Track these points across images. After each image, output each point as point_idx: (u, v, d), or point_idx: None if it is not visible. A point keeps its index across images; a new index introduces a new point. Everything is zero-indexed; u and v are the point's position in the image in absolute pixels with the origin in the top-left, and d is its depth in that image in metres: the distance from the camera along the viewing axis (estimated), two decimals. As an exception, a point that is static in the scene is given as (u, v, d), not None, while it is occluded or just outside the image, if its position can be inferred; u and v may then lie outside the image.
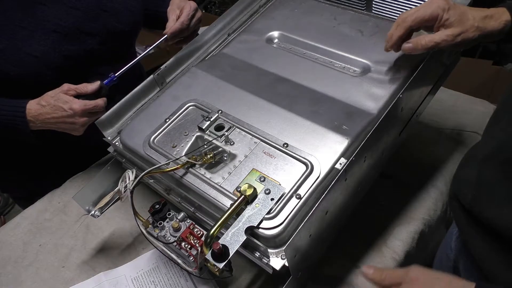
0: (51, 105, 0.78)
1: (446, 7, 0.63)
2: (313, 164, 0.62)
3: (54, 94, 0.79)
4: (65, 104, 0.77)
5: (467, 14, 0.63)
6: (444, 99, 1.07)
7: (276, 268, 0.57)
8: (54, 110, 0.78)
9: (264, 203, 0.58)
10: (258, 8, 0.95)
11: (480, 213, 0.60)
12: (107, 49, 0.91)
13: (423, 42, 0.64)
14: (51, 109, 0.78)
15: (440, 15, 0.63)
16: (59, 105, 0.78)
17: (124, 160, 0.76)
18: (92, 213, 0.74)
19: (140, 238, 0.81)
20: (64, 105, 0.77)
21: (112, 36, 0.91)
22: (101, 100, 0.80)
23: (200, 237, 0.61)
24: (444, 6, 0.63)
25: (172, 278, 0.74)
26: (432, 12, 0.63)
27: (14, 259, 0.81)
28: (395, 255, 0.75)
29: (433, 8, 0.63)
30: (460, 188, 0.65)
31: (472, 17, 0.63)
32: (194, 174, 0.65)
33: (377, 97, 0.70)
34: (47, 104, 0.78)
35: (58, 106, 0.78)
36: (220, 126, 0.70)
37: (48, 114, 0.79)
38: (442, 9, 0.63)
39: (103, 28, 0.89)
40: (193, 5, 0.93)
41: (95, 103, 0.79)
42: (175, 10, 0.92)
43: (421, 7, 0.65)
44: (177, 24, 0.89)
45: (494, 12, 0.64)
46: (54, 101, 0.78)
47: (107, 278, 0.75)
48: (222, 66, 0.82)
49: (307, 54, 0.82)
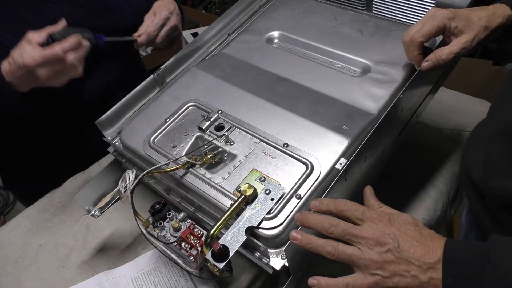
0: (14, 59, 0.69)
1: (450, 16, 0.63)
2: (313, 164, 0.62)
3: (18, 46, 0.70)
4: (20, 58, 0.67)
5: (472, 17, 0.63)
6: (444, 99, 1.07)
7: (276, 268, 0.57)
8: (15, 68, 0.69)
9: (264, 203, 0.58)
10: (258, 8, 0.95)
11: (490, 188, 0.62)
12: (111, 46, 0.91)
13: (444, 57, 0.64)
14: (15, 66, 0.69)
15: (447, 25, 0.63)
16: (17, 62, 0.68)
17: (124, 160, 0.76)
18: (92, 213, 0.74)
19: (140, 238, 0.81)
20: (19, 59, 0.67)
21: (116, 34, 0.91)
22: (65, 42, 0.69)
23: (200, 237, 0.61)
24: (449, 15, 0.63)
25: (172, 278, 0.74)
26: (438, 24, 0.63)
27: (14, 259, 0.81)
28: (395, 255, 0.75)
29: (438, 20, 0.63)
30: (470, 165, 0.67)
31: (477, 18, 0.63)
32: (194, 174, 0.65)
33: (377, 97, 0.70)
34: (12, 61, 0.70)
35: (17, 62, 0.68)
36: (220, 126, 0.70)
37: (14, 71, 0.70)
38: (447, 18, 0.63)
39: (107, 25, 0.89)
40: (165, 14, 0.89)
41: (51, 50, 0.68)
42: (150, 15, 0.90)
43: (426, 22, 0.64)
44: (143, 36, 0.87)
45: (496, 9, 0.64)
46: (16, 56, 0.69)
47: (107, 278, 0.75)
48: (222, 66, 0.82)
49: (307, 54, 0.82)
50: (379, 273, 0.47)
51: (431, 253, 0.47)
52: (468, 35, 0.63)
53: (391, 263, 0.47)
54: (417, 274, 0.46)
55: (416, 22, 0.84)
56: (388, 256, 0.47)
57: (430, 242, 0.48)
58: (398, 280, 0.47)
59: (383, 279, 0.47)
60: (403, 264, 0.47)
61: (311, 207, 0.54)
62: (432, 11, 0.65)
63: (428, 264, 0.46)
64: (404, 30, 0.68)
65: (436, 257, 0.46)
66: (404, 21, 0.85)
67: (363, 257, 0.48)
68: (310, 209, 0.54)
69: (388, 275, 0.47)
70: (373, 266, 0.47)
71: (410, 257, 0.47)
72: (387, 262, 0.47)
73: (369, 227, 0.49)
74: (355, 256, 0.49)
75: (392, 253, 0.47)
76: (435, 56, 0.64)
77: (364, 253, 0.48)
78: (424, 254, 0.47)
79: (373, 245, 0.48)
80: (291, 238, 0.52)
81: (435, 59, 0.64)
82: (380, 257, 0.47)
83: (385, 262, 0.47)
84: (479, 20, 0.63)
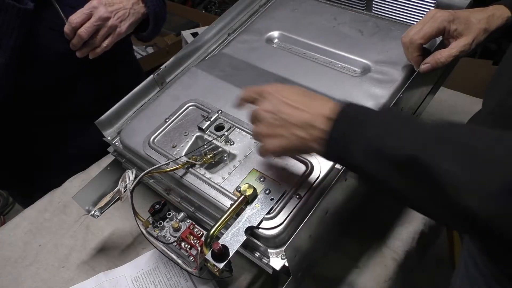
0: None
1: (450, 18, 0.63)
2: (313, 164, 0.62)
3: None
4: None
5: (471, 19, 0.63)
6: (444, 99, 1.07)
7: (276, 268, 0.57)
8: None
9: (264, 203, 0.58)
10: (258, 8, 0.95)
11: None
12: None
13: (443, 60, 0.64)
14: None
15: (447, 28, 0.63)
16: None
17: (124, 160, 0.76)
18: (92, 213, 0.74)
19: (140, 238, 0.81)
20: None
21: None
22: None
23: (200, 237, 0.61)
24: (449, 17, 0.63)
25: (172, 278, 0.74)
26: (438, 26, 0.63)
27: (14, 259, 0.81)
28: (395, 255, 0.75)
29: (439, 22, 0.63)
30: None
31: (476, 21, 0.63)
32: (194, 174, 0.65)
33: (377, 97, 0.70)
34: None
35: None
36: (220, 126, 0.70)
37: None
38: (448, 21, 0.63)
39: None
40: (94, 3, 0.80)
41: None
42: None
43: (426, 23, 0.64)
44: (67, 25, 0.80)
45: (495, 10, 0.64)
46: None
47: (107, 278, 0.75)
48: (222, 66, 0.82)
49: (307, 54, 0.82)
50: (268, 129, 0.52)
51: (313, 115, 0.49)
52: (467, 38, 0.63)
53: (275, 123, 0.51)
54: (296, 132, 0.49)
55: (416, 22, 0.84)
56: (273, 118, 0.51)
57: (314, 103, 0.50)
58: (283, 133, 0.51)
59: None
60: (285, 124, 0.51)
61: None
62: (432, 12, 0.65)
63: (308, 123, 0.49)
64: (404, 30, 0.68)
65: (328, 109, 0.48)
66: (404, 21, 0.85)
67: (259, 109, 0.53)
68: None
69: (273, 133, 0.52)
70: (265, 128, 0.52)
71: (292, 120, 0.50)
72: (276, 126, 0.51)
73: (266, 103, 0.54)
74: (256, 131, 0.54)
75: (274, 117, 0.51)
76: (434, 59, 0.65)
77: None
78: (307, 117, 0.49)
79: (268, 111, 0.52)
80: None
81: (434, 62, 0.65)
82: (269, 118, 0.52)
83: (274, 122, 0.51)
84: (479, 22, 0.63)
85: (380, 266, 0.73)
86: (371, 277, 0.72)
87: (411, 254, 0.77)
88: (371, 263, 0.74)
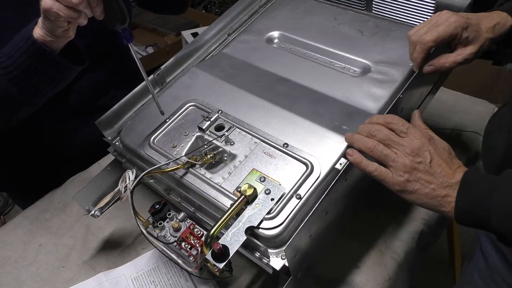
0: None
1: (465, 25, 0.62)
2: (313, 164, 0.62)
3: None
4: None
5: (481, 27, 0.63)
6: (444, 99, 1.07)
7: (276, 268, 0.57)
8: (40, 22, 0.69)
9: (264, 203, 0.58)
10: (258, 8, 0.95)
11: None
12: (97, 48, 0.90)
13: (447, 65, 0.64)
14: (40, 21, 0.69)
15: (459, 34, 0.63)
16: None
17: (124, 160, 0.76)
18: (92, 213, 0.74)
19: (140, 238, 0.81)
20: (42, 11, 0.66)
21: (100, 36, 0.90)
22: None
23: (200, 237, 0.61)
24: (463, 24, 0.62)
25: (172, 278, 0.74)
26: (452, 32, 0.62)
27: (14, 259, 0.81)
28: (395, 255, 0.75)
29: (453, 27, 0.62)
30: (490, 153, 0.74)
31: (485, 29, 0.63)
32: (194, 174, 0.65)
33: (377, 97, 0.70)
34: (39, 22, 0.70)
35: None
36: (220, 126, 0.70)
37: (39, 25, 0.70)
38: (462, 27, 0.62)
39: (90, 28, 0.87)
40: None
41: None
42: None
43: (438, 25, 0.63)
44: None
45: (500, 19, 0.64)
46: None
47: (107, 278, 0.75)
48: (222, 66, 0.82)
49: (307, 54, 0.82)
50: (405, 176, 0.54)
51: (453, 177, 0.54)
52: (474, 47, 0.63)
53: (418, 172, 0.54)
54: (436, 188, 0.53)
55: (415, 22, 0.84)
56: (418, 166, 0.54)
57: (456, 169, 0.55)
58: (418, 188, 0.54)
59: (406, 182, 0.54)
60: (428, 176, 0.54)
61: (365, 122, 0.62)
62: (446, 15, 0.63)
63: (448, 183, 0.53)
64: (404, 30, 0.68)
65: (455, 180, 0.53)
66: (404, 21, 0.85)
67: (397, 159, 0.55)
68: None
69: (411, 179, 0.54)
70: (403, 169, 0.54)
71: (436, 174, 0.54)
72: (415, 169, 0.54)
73: (410, 140, 0.56)
74: (390, 157, 0.56)
75: (423, 165, 0.54)
76: (439, 63, 0.65)
77: (399, 157, 0.55)
78: (448, 175, 0.54)
79: (409, 153, 0.55)
80: (347, 154, 0.60)
81: (438, 65, 0.65)
82: (411, 164, 0.54)
83: (413, 169, 0.54)
84: (487, 32, 0.63)
85: (380, 266, 0.74)
86: (371, 277, 0.72)
87: (411, 254, 0.77)
88: (371, 263, 0.74)
